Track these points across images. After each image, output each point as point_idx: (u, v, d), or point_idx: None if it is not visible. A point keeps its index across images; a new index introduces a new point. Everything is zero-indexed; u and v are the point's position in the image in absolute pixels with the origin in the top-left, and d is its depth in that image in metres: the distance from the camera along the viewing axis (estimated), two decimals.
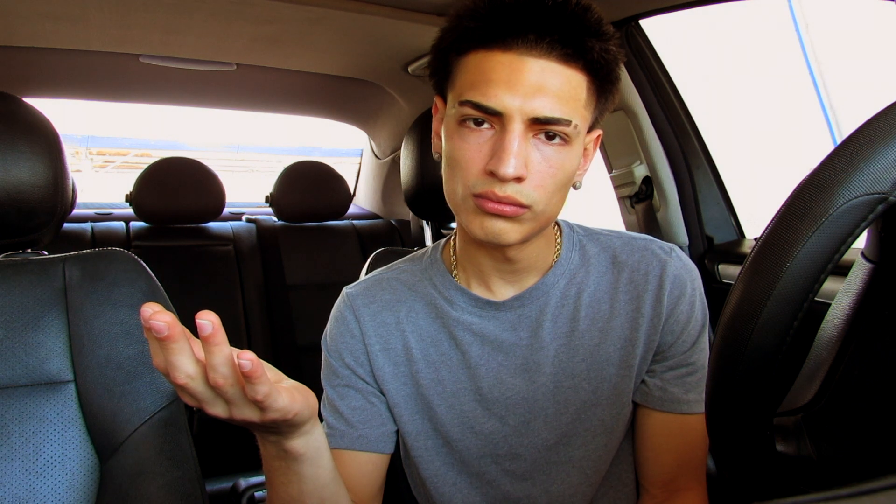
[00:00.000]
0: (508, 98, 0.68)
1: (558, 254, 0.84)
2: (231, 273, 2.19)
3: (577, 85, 0.70)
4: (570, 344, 0.82)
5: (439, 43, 0.75)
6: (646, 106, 1.57)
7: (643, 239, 0.85)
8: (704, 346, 0.83)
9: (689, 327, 0.81)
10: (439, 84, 0.78)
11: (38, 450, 0.80)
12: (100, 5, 1.54)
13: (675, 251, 0.84)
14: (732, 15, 6.65)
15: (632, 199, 1.66)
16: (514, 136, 0.68)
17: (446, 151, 0.75)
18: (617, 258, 0.84)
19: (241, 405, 0.55)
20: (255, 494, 1.36)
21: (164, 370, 0.53)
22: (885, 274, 0.54)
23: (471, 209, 0.72)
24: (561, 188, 0.73)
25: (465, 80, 0.72)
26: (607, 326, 0.82)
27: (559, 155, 0.70)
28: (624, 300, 0.82)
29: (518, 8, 0.68)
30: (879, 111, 0.50)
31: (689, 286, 0.81)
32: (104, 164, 11.12)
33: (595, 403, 0.81)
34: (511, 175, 0.68)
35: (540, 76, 0.68)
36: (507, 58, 0.68)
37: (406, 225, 2.55)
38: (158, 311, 0.51)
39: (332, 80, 2.19)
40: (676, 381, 0.81)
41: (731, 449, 0.59)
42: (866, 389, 0.57)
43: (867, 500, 0.27)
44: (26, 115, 0.86)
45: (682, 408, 0.81)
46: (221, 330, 0.52)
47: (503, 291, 0.83)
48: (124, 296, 0.87)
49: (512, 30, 0.68)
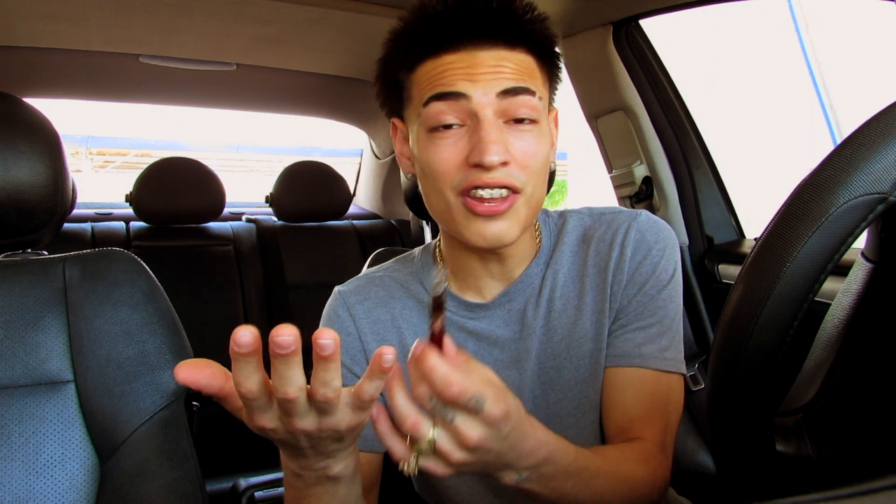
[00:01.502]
0: (469, 84, 0.70)
1: (540, 242, 0.85)
2: (231, 273, 2.19)
3: (528, 65, 0.73)
4: (549, 325, 0.82)
5: (384, 68, 0.78)
6: (646, 106, 1.57)
7: (612, 212, 0.85)
8: (665, 303, 0.80)
9: (646, 286, 0.80)
10: (394, 107, 0.79)
11: (38, 450, 0.80)
12: (100, 5, 1.54)
13: (643, 215, 0.83)
14: (732, 15, 6.65)
15: (632, 199, 1.66)
16: (489, 124, 0.69)
17: (421, 164, 0.75)
18: (586, 234, 0.85)
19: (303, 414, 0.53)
20: (255, 494, 1.36)
21: (248, 391, 0.50)
22: (885, 274, 0.54)
23: (462, 214, 0.72)
24: (542, 169, 0.74)
25: (422, 87, 0.73)
26: (581, 303, 0.82)
27: (533, 136, 0.72)
28: (592, 273, 0.82)
29: (454, 14, 0.72)
30: (879, 111, 0.50)
31: (654, 248, 0.80)
32: (104, 164, 11.12)
33: (578, 380, 0.81)
34: (497, 161, 0.68)
35: (494, 62, 0.71)
36: (456, 57, 0.71)
37: (406, 225, 2.55)
38: (284, 326, 0.49)
39: (332, 80, 2.19)
40: (626, 336, 0.80)
41: (731, 449, 0.59)
42: (866, 389, 0.57)
43: (867, 500, 0.27)
44: (26, 115, 0.86)
45: (633, 361, 0.79)
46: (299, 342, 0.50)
47: (492, 289, 0.83)
48: (124, 296, 0.87)
49: (457, 33, 0.71)
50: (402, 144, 0.81)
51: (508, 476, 0.61)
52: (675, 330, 0.81)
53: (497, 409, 0.55)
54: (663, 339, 0.80)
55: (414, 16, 0.75)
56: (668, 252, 0.81)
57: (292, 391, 0.49)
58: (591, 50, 1.59)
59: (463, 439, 0.55)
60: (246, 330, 0.46)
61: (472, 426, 0.55)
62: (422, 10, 0.74)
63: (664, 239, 0.82)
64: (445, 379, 0.52)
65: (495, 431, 0.55)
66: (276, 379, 0.49)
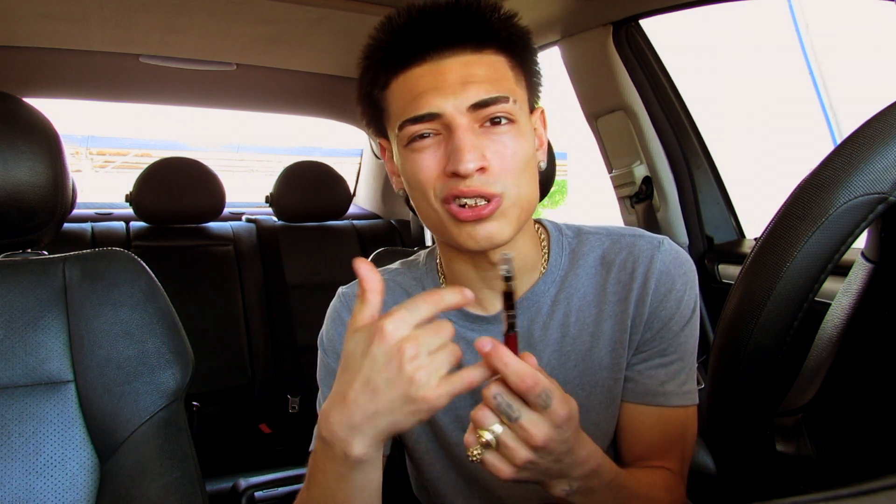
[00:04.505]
0: (440, 100, 0.68)
1: (547, 259, 0.83)
2: (231, 273, 2.19)
3: (499, 66, 0.72)
4: (562, 350, 0.80)
5: (362, 89, 0.77)
6: (646, 106, 1.57)
7: (631, 235, 0.83)
8: (687, 338, 0.80)
9: (671, 323, 0.79)
10: (378, 127, 0.78)
11: (38, 450, 0.80)
12: (100, 5, 1.54)
13: (665, 243, 0.81)
14: (733, 15, 6.65)
15: (632, 199, 1.66)
16: (463, 131, 0.68)
17: (406, 177, 0.75)
18: (605, 258, 0.82)
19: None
20: (255, 494, 1.36)
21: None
22: (885, 274, 0.54)
23: (450, 221, 0.72)
24: (525, 169, 0.72)
25: (396, 107, 0.72)
26: (597, 330, 0.80)
27: (511, 136, 0.71)
28: (612, 301, 0.80)
29: (418, 25, 0.70)
30: (879, 111, 0.50)
31: (678, 281, 0.79)
32: (104, 164, 11.11)
33: (589, 408, 0.80)
34: (472, 169, 0.68)
35: (463, 70, 0.69)
36: (425, 68, 0.70)
37: (406, 225, 2.55)
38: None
39: (333, 80, 2.19)
40: (649, 372, 0.79)
41: (731, 449, 0.59)
42: (866, 389, 0.57)
43: (867, 500, 0.27)
44: (26, 115, 0.86)
45: (657, 399, 0.79)
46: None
47: (493, 303, 0.81)
48: (124, 296, 0.87)
49: (420, 44, 0.70)
50: (390, 162, 0.80)
51: (560, 486, 0.62)
52: (692, 363, 0.81)
53: (563, 409, 0.57)
54: (682, 374, 0.80)
55: (381, 31, 0.73)
56: (690, 286, 0.80)
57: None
58: (591, 50, 1.59)
59: (529, 436, 0.56)
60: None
61: (539, 424, 0.56)
62: (388, 24, 0.73)
63: (687, 272, 0.80)
64: (520, 371, 0.55)
65: (559, 432, 0.57)
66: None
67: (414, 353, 0.55)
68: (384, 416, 0.57)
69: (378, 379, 0.56)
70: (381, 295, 0.59)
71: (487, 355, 0.55)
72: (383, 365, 0.55)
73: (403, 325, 0.55)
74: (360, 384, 0.57)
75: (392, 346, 0.55)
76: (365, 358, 0.56)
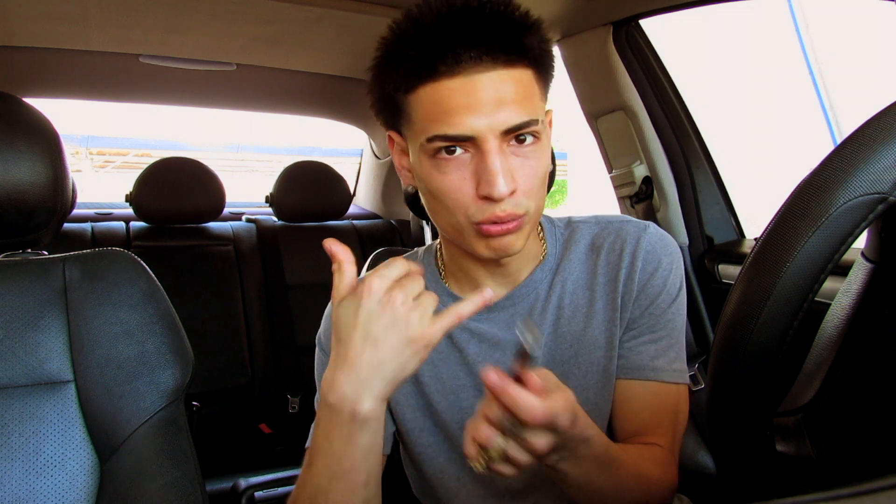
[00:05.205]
0: (474, 120, 0.67)
1: (544, 249, 0.86)
2: (231, 273, 2.19)
3: (528, 83, 0.71)
4: (557, 332, 0.83)
5: (381, 86, 0.74)
6: (646, 106, 1.57)
7: (619, 221, 0.86)
8: (674, 316, 0.83)
9: (658, 300, 0.82)
10: (390, 120, 0.77)
11: (38, 450, 0.80)
12: (100, 5, 1.54)
13: (651, 227, 0.84)
14: (732, 15, 6.65)
15: (632, 199, 1.66)
16: (494, 155, 0.68)
17: (426, 185, 0.74)
18: (594, 243, 0.85)
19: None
20: (255, 494, 1.36)
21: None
22: (885, 274, 0.54)
23: (473, 235, 0.73)
24: (544, 183, 0.74)
25: (422, 115, 0.70)
26: (590, 311, 0.83)
27: (535, 153, 0.72)
28: (602, 282, 0.83)
29: (450, 32, 0.67)
30: (879, 111, 0.50)
31: (664, 260, 0.82)
32: (104, 164, 11.11)
33: (586, 387, 0.82)
34: (505, 194, 0.68)
35: (496, 89, 0.68)
36: (457, 82, 0.68)
37: (406, 225, 2.55)
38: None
39: (332, 80, 2.19)
40: (639, 349, 0.82)
41: (731, 449, 0.59)
42: (866, 389, 0.57)
43: (867, 500, 0.27)
44: (26, 115, 0.86)
45: (647, 374, 0.81)
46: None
47: (495, 293, 0.83)
48: (124, 296, 0.87)
49: (453, 56, 0.67)
50: (400, 157, 0.79)
51: (550, 456, 0.64)
52: (681, 342, 0.84)
53: (567, 421, 0.60)
54: (672, 352, 0.82)
55: (406, 27, 0.70)
56: (676, 266, 0.83)
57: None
58: (591, 50, 1.59)
59: (534, 449, 0.60)
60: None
61: (542, 437, 0.60)
62: (414, 21, 0.70)
63: (672, 253, 0.83)
64: (531, 410, 0.57)
65: (562, 436, 0.61)
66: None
67: (403, 299, 0.62)
68: (388, 363, 0.61)
69: (376, 328, 0.61)
70: (354, 266, 0.65)
71: (493, 390, 0.58)
72: (378, 314, 0.61)
73: (386, 279, 0.62)
74: (359, 339, 0.61)
75: (383, 296, 0.62)
76: (358, 315, 0.62)
